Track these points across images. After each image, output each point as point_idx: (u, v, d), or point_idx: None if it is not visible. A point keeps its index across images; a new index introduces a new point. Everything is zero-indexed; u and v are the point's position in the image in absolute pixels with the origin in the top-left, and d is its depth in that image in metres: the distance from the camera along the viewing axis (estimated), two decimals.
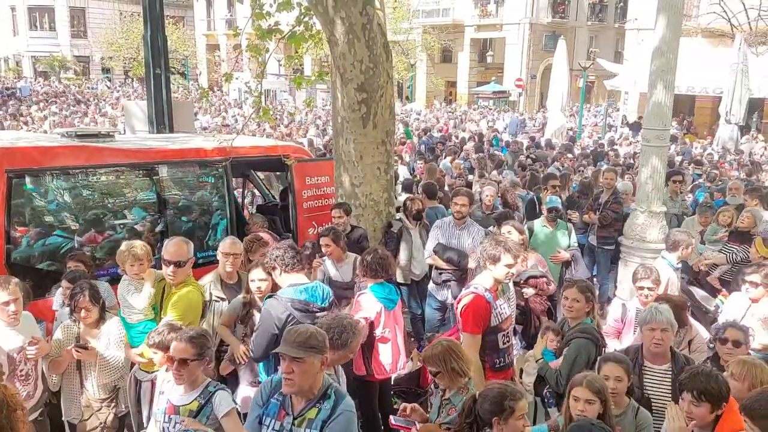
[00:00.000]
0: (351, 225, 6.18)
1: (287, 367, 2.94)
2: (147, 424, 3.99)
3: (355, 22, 5.78)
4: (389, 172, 6.61)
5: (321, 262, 5.52)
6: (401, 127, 18.46)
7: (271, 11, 6.36)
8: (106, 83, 40.37)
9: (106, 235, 5.71)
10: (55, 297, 4.73)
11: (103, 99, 28.94)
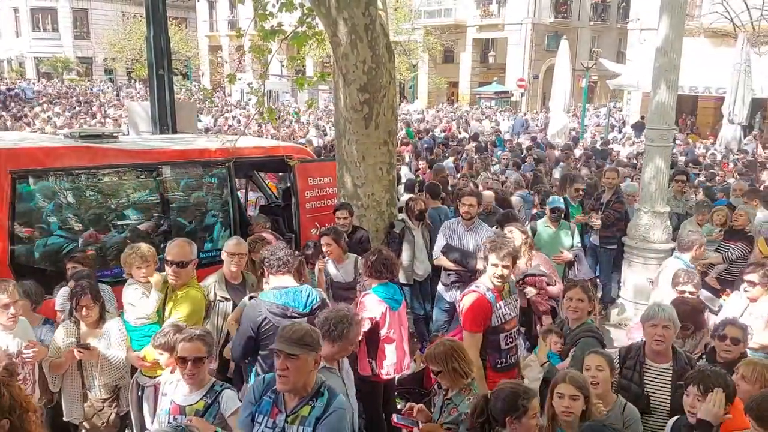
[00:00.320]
0: (353, 225, 6.18)
1: (282, 363, 2.95)
2: (149, 427, 4.00)
3: (357, 23, 5.79)
4: (391, 172, 6.61)
5: (324, 263, 5.52)
6: (403, 127, 18.46)
7: (273, 12, 6.37)
8: (108, 84, 40.40)
9: (109, 235, 5.72)
10: (58, 297, 4.74)
11: (106, 100, 28.95)
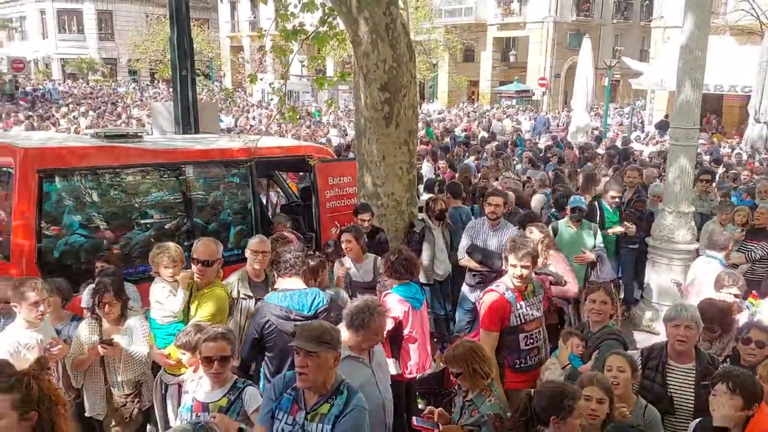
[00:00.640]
0: (374, 226, 6.18)
1: (301, 361, 2.98)
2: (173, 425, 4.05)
3: (378, 22, 5.80)
4: (411, 172, 6.60)
5: (346, 269, 5.51)
6: (423, 127, 18.43)
7: (295, 12, 6.41)
8: (132, 85, 40.95)
9: (133, 234, 5.80)
10: (83, 294, 4.82)
11: (131, 101, 29.35)
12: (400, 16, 6.08)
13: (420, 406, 4.81)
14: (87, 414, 4.43)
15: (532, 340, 4.40)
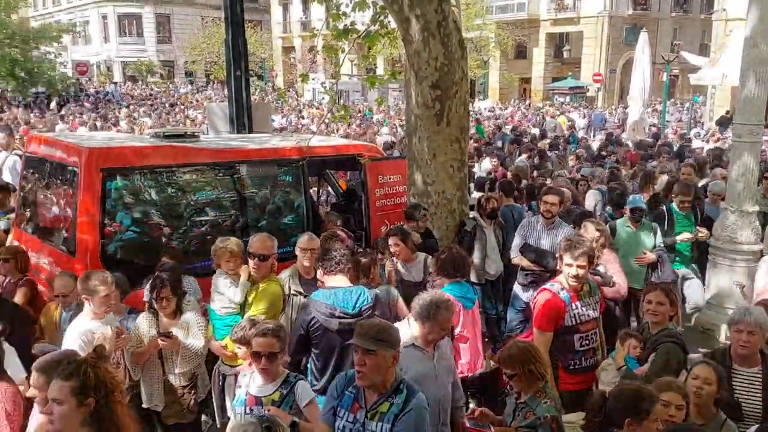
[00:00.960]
0: (427, 229, 6.14)
1: (359, 359, 3.00)
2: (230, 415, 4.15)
3: (430, 20, 5.78)
4: (463, 170, 6.54)
5: (395, 264, 5.52)
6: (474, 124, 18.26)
7: (347, 11, 6.45)
8: (188, 86, 42.13)
9: (191, 230, 5.97)
10: (146, 289, 4.98)
11: (187, 101, 30.23)
12: (452, 13, 6.04)
13: (471, 406, 4.77)
14: (144, 405, 4.54)
15: (588, 341, 4.31)
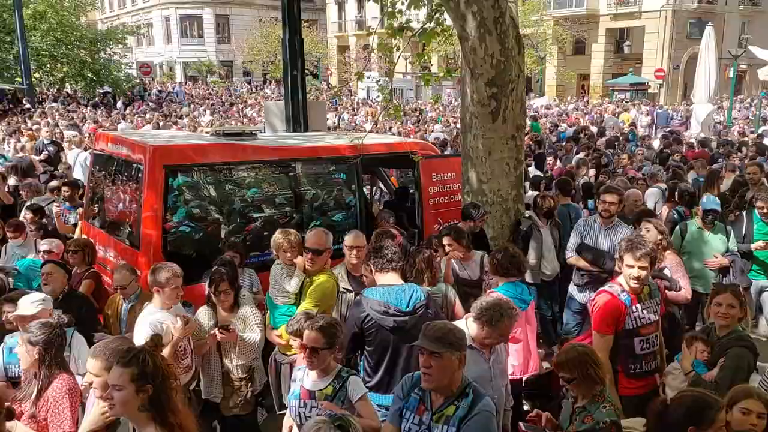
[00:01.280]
0: (480, 229, 6.07)
1: (425, 361, 2.96)
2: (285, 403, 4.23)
3: (486, 16, 5.71)
4: (519, 168, 6.45)
5: (451, 257, 5.49)
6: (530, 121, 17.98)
7: (402, 9, 6.45)
8: (246, 86, 43.06)
9: (248, 226, 6.10)
10: (207, 282, 5.12)
11: (245, 100, 30.93)
12: (509, 9, 5.95)
13: (525, 408, 4.70)
14: (204, 396, 4.69)
15: (648, 345, 4.17)
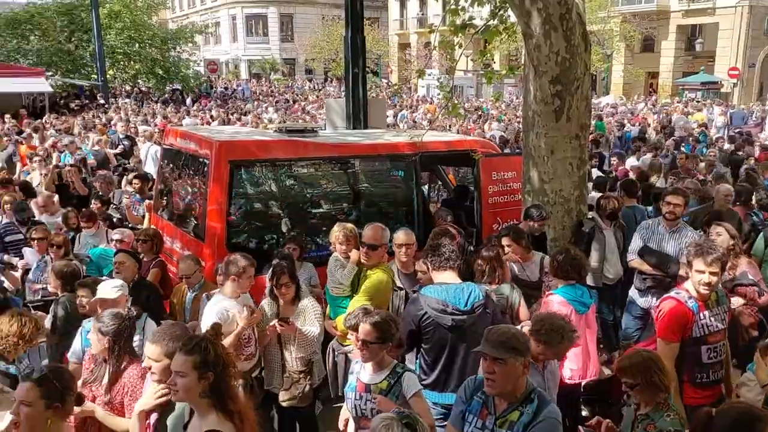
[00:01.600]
0: (542, 232, 5.99)
1: (488, 366, 2.92)
2: (341, 392, 4.35)
3: (552, 13, 5.60)
4: (582, 168, 6.30)
5: (509, 258, 5.44)
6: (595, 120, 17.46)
7: (465, 6, 6.40)
8: (308, 83, 43.76)
9: (307, 221, 6.22)
10: (268, 275, 5.25)
11: (306, 97, 31.47)
12: (576, 6, 5.82)
13: (584, 413, 4.60)
14: (265, 386, 4.84)
15: (716, 354, 4.01)
